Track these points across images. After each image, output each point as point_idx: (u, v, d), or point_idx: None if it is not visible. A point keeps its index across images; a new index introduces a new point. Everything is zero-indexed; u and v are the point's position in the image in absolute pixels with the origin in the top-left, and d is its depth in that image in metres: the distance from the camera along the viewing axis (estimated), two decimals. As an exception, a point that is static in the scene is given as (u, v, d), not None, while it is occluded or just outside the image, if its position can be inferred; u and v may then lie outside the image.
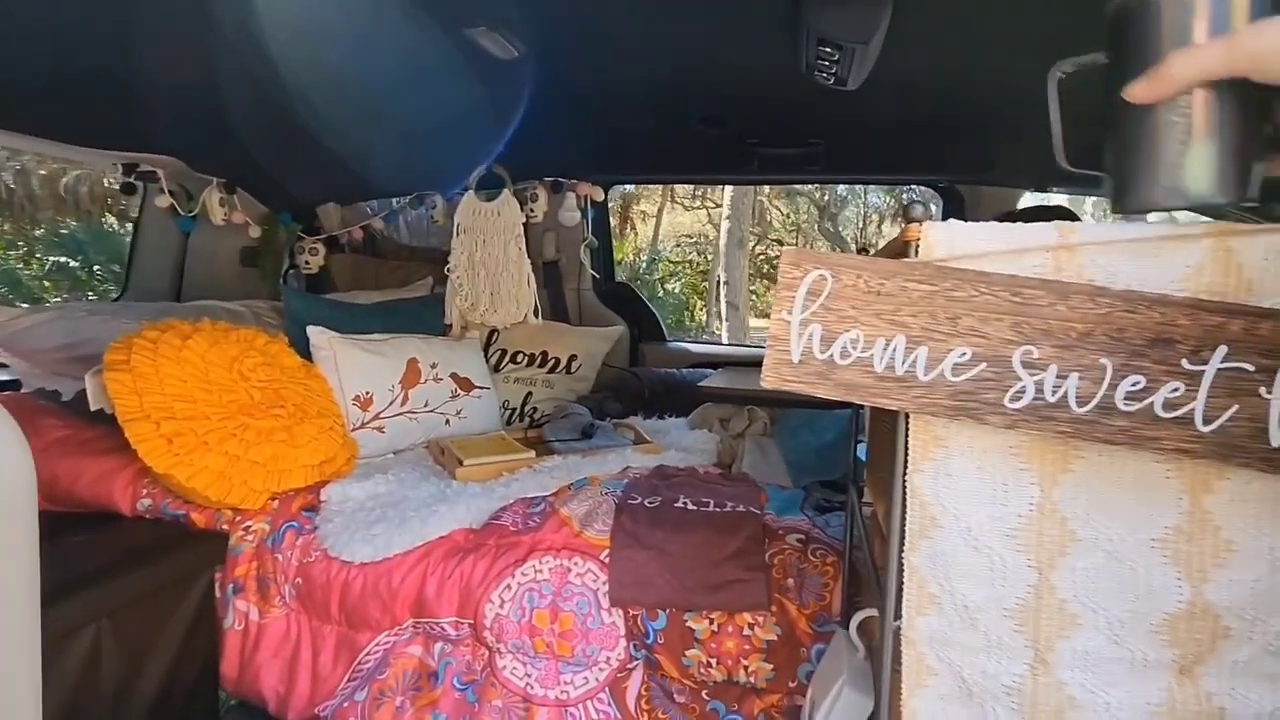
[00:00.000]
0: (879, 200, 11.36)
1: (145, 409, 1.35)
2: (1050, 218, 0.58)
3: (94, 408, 1.44)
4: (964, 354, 0.58)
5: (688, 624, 1.24)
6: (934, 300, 0.58)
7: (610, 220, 3.11)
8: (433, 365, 1.98)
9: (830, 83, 1.36)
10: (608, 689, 1.28)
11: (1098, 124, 0.53)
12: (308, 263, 2.60)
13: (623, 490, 1.48)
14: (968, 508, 0.62)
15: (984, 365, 0.58)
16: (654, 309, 2.83)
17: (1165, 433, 0.54)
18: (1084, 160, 0.59)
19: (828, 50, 1.25)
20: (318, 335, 1.82)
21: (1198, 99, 0.43)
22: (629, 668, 1.28)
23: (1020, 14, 1.18)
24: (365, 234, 2.72)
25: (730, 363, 2.56)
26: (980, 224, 0.60)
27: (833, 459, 1.73)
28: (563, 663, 1.29)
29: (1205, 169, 0.44)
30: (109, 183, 7.44)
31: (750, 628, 1.23)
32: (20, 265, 7.65)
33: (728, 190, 8.53)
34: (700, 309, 11.17)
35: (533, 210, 2.35)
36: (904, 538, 0.64)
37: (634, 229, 12.17)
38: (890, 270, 0.60)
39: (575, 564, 1.31)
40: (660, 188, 10.99)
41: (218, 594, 1.45)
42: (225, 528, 1.47)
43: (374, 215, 2.72)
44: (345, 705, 1.35)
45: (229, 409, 1.45)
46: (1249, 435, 0.53)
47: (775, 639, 1.22)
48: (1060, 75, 0.56)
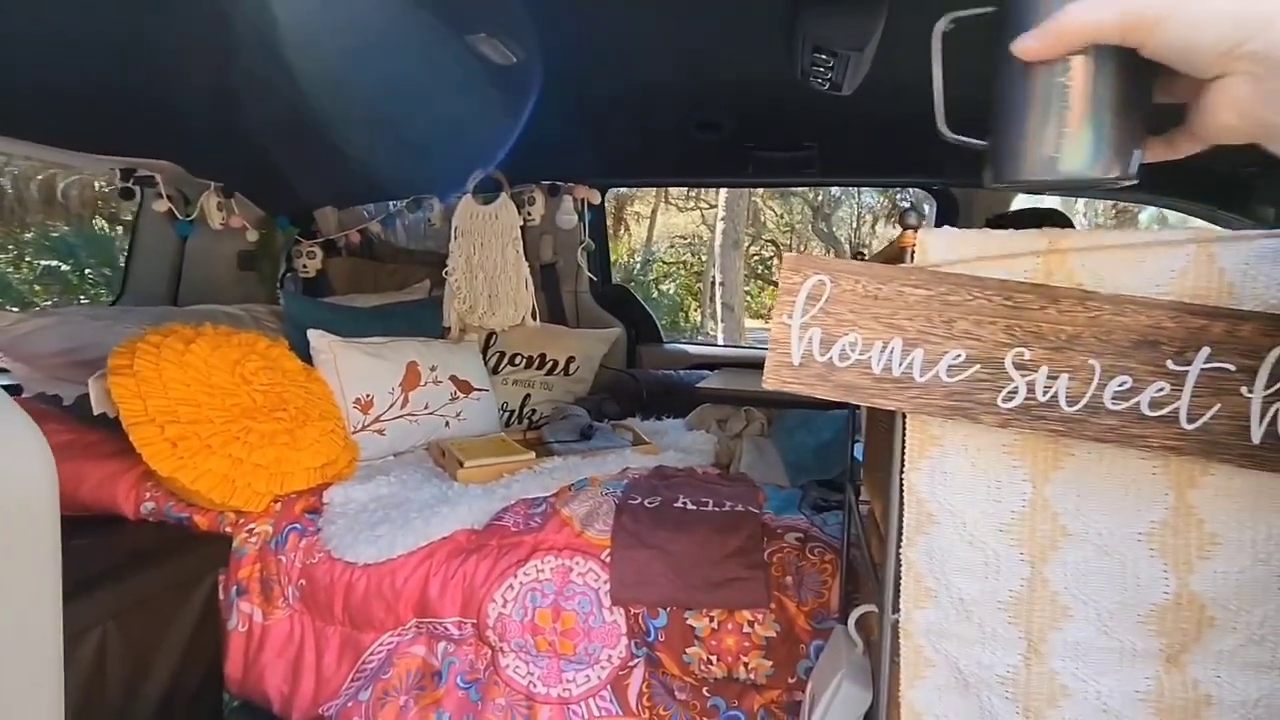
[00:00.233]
0: (872, 200, 11.41)
1: (149, 413, 1.36)
2: (1042, 220, 0.58)
3: (97, 412, 1.44)
4: (958, 356, 0.60)
5: (688, 622, 1.26)
6: (930, 304, 0.61)
7: (606, 222, 3.13)
8: (432, 368, 1.99)
9: (825, 88, 1.38)
10: (609, 686, 1.29)
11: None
12: (305, 266, 2.61)
13: (623, 491, 1.50)
14: (963, 504, 0.64)
15: (978, 367, 0.60)
16: (650, 310, 2.85)
17: (1151, 431, 0.57)
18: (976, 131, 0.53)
19: (823, 57, 1.27)
20: (318, 339, 1.83)
21: (1085, 63, 0.39)
22: (630, 665, 1.30)
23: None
24: (362, 237, 2.74)
25: (727, 364, 2.58)
26: (973, 230, 0.62)
27: (829, 459, 1.75)
28: (565, 661, 1.31)
29: (1086, 142, 0.40)
30: (99, 186, 7.42)
31: (750, 625, 1.25)
32: (10, 269, 7.60)
33: (722, 192, 8.56)
34: (694, 310, 11.19)
35: (530, 213, 2.37)
36: (901, 534, 0.66)
37: (628, 230, 12.18)
38: (887, 275, 0.62)
39: (577, 563, 1.33)
40: (654, 189, 11.01)
41: (221, 596, 1.46)
42: (228, 530, 1.48)
43: (371, 219, 2.73)
44: (349, 705, 1.37)
45: (232, 412, 1.46)
46: (1231, 432, 0.55)
47: (774, 636, 1.24)
48: (946, 29, 0.50)
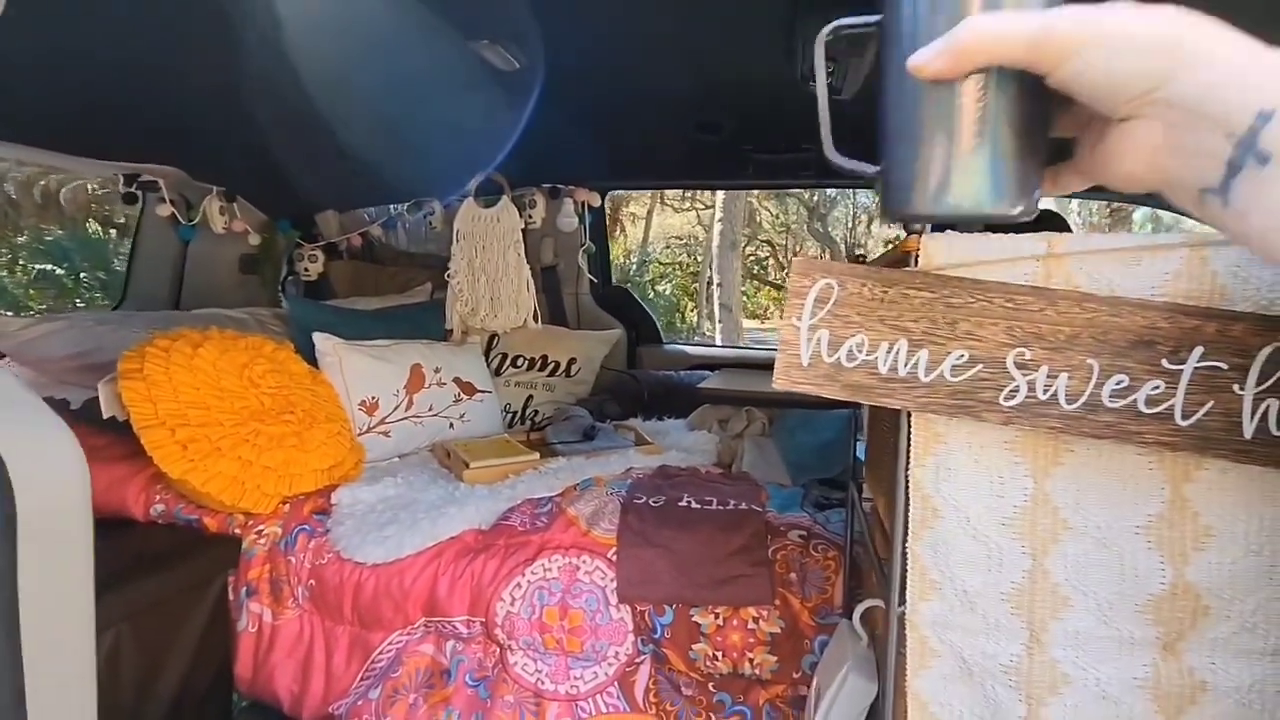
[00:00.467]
0: (868, 201, 11.44)
1: (160, 416, 1.37)
2: (1039, 222, 0.59)
3: (106, 415, 1.46)
4: (962, 356, 0.62)
5: (694, 619, 1.28)
6: (934, 306, 0.63)
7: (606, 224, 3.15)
8: (436, 370, 2.01)
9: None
10: (617, 683, 1.31)
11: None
12: (307, 269, 2.63)
13: (627, 490, 1.52)
14: (966, 499, 0.66)
15: (980, 366, 0.62)
16: (649, 312, 2.87)
17: (1147, 427, 0.59)
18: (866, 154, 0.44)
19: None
20: (323, 341, 1.84)
21: (985, 85, 0.33)
22: (637, 662, 1.32)
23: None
24: (363, 240, 2.75)
25: (727, 364, 2.60)
26: (975, 235, 0.64)
27: (830, 457, 1.77)
28: (572, 658, 1.32)
29: (985, 174, 0.35)
30: (92, 189, 7.40)
31: (755, 621, 1.27)
32: (4, 273, 7.57)
33: (719, 193, 8.58)
34: (691, 310, 11.21)
35: (531, 216, 2.39)
36: (907, 528, 0.68)
37: (624, 231, 12.20)
38: (892, 279, 0.64)
39: (583, 562, 1.35)
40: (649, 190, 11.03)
41: (231, 597, 1.47)
42: (237, 532, 1.50)
43: (372, 222, 2.75)
44: (359, 703, 1.38)
45: (240, 415, 1.48)
46: (1224, 429, 0.58)
47: (779, 632, 1.26)
48: (828, 38, 0.40)
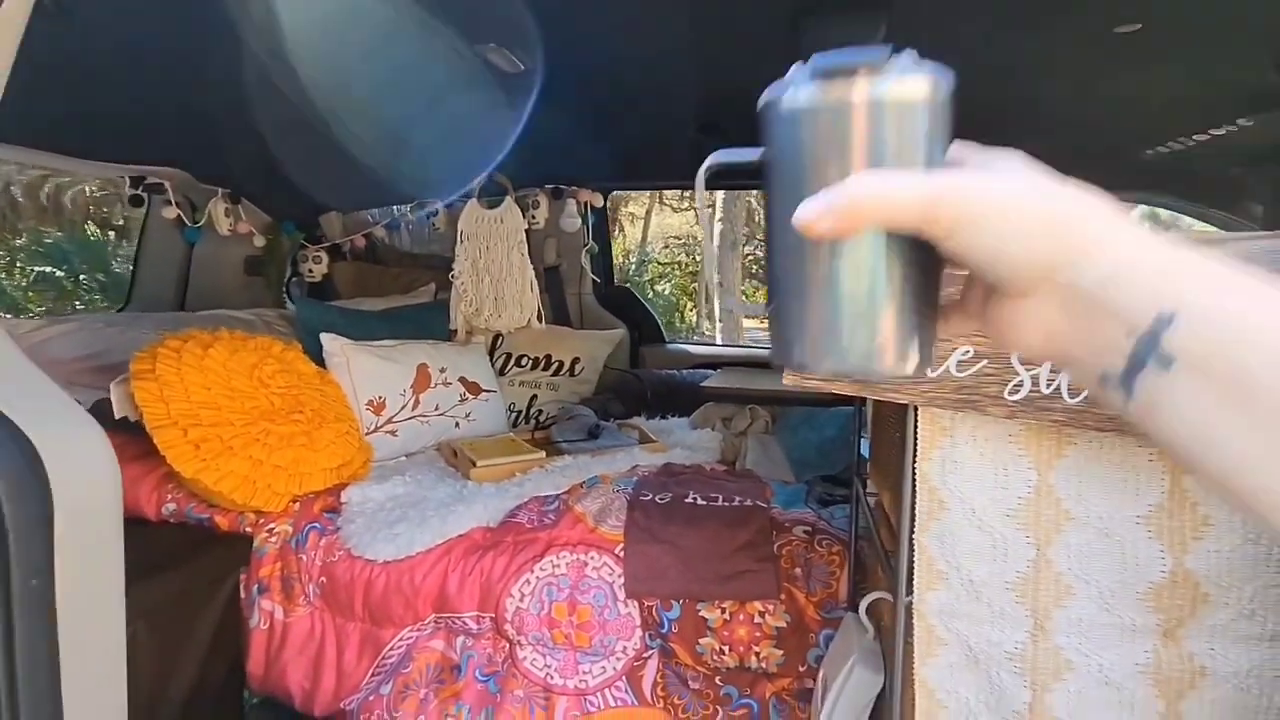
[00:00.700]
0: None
1: (172, 416, 1.39)
2: None
3: (118, 416, 1.47)
4: (967, 352, 0.64)
5: (701, 613, 1.30)
6: (940, 304, 0.65)
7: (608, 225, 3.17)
8: (442, 370, 2.03)
9: (827, 94, 1.42)
10: (625, 677, 1.33)
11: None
12: (311, 271, 2.64)
13: (633, 487, 1.54)
14: (972, 491, 0.68)
15: (985, 362, 0.64)
16: (652, 311, 2.89)
17: (1148, 420, 0.61)
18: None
19: (825, 65, 1.31)
20: (331, 342, 1.86)
21: (875, 244, 0.32)
22: (645, 656, 1.34)
23: (1009, 26, 1.25)
24: (366, 241, 2.77)
25: (730, 363, 2.62)
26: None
27: (833, 454, 1.79)
28: (581, 653, 1.34)
29: (876, 334, 0.34)
30: (90, 191, 7.40)
31: (761, 616, 1.29)
32: (3, 276, 7.57)
33: (719, 193, 8.59)
34: (690, 310, 11.23)
35: (534, 217, 2.40)
36: (914, 520, 0.70)
37: (622, 231, 12.21)
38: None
39: (591, 558, 1.36)
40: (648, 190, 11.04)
41: (243, 595, 1.49)
42: (249, 530, 1.51)
43: (375, 223, 2.76)
44: (370, 699, 1.40)
45: (251, 415, 1.49)
46: (1221, 421, 0.60)
47: (785, 626, 1.28)
48: (705, 174, 0.39)
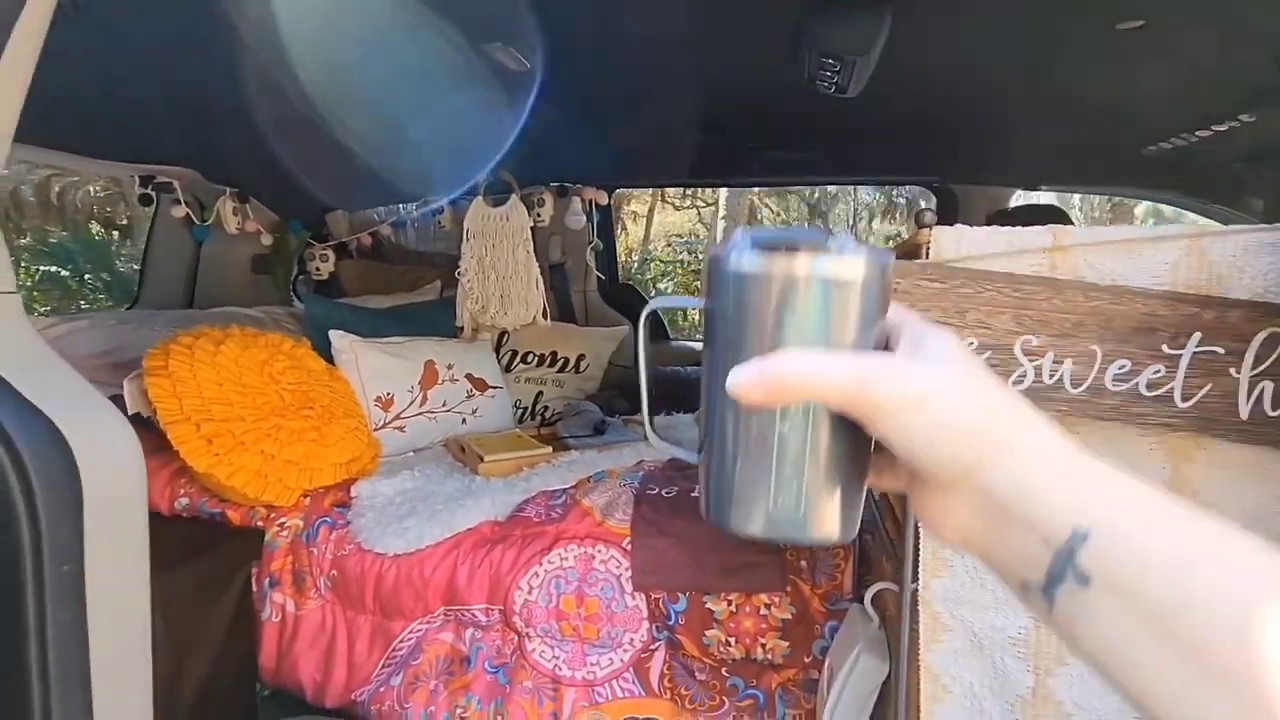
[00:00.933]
0: (869, 197, 11.46)
1: (185, 411, 1.41)
2: (1041, 216, 0.61)
3: (132, 412, 1.49)
4: (972, 343, 0.66)
5: (707, 605, 1.32)
6: (945, 296, 0.66)
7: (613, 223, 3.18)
8: (449, 366, 2.04)
9: (831, 91, 1.43)
10: (632, 669, 1.35)
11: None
12: (318, 269, 2.66)
13: (640, 481, 1.55)
14: (977, 480, 0.69)
15: (990, 353, 0.65)
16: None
17: (1149, 409, 0.62)
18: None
19: (829, 61, 1.32)
20: (339, 339, 1.88)
21: (804, 416, 0.32)
22: (652, 648, 1.35)
23: (1011, 23, 1.26)
24: (373, 239, 2.78)
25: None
26: (984, 228, 0.68)
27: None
28: (589, 645, 1.36)
29: (802, 503, 0.34)
30: (93, 190, 7.42)
31: (766, 608, 1.30)
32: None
33: (723, 191, 8.60)
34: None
35: (540, 215, 2.42)
36: (920, 509, 0.72)
37: (625, 229, 12.22)
38: (905, 270, 0.67)
39: (599, 551, 1.38)
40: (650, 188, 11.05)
41: (254, 588, 1.51)
42: (260, 524, 1.53)
43: (381, 221, 2.78)
44: (381, 690, 1.42)
45: (262, 410, 1.51)
46: (1222, 410, 0.61)
47: (790, 617, 1.29)
48: (648, 315, 0.41)
